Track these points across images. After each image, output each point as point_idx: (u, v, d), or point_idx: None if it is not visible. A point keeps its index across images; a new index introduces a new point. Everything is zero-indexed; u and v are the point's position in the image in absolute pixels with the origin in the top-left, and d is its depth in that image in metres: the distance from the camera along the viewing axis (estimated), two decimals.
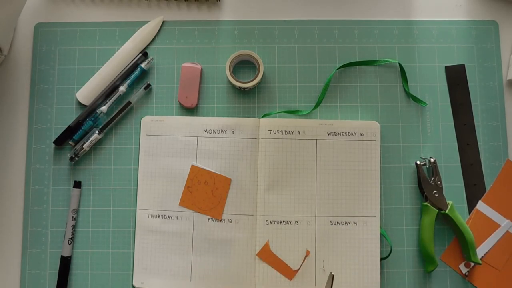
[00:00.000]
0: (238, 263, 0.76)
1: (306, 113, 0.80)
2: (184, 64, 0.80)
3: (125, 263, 0.77)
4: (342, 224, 0.77)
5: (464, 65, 0.82)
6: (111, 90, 0.80)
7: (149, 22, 0.82)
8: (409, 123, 0.80)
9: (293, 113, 0.80)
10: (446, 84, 0.81)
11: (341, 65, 0.81)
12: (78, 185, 0.78)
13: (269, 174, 0.77)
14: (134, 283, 0.77)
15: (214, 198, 0.77)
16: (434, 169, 0.78)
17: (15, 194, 0.79)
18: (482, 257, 0.77)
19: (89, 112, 0.80)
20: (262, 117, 0.80)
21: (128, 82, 0.80)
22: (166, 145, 0.79)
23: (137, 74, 0.80)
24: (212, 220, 0.77)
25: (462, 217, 0.77)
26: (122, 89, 0.80)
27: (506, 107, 0.81)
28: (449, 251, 0.78)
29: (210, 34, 0.82)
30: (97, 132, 0.78)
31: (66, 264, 0.77)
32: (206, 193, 0.77)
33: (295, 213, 0.77)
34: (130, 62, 0.81)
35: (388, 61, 0.81)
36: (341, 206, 0.77)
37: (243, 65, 0.81)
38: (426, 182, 0.78)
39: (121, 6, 0.84)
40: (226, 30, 0.82)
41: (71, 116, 0.80)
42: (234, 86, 0.81)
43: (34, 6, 0.83)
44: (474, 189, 0.79)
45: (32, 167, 0.79)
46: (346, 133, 0.79)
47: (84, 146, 0.78)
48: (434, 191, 0.77)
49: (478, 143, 0.80)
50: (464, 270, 0.77)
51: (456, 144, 0.80)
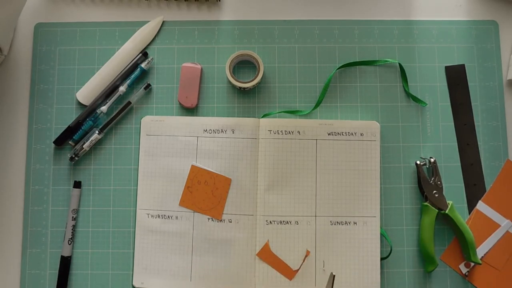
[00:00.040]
0: (238, 263, 0.76)
1: (306, 113, 0.80)
2: (184, 64, 0.80)
3: (125, 263, 0.77)
4: (342, 224, 0.77)
5: (464, 65, 0.81)
6: (111, 90, 0.80)
7: (149, 22, 0.82)
8: (409, 123, 0.80)
9: (293, 113, 0.80)
10: (446, 84, 0.81)
11: (341, 65, 0.81)
12: (78, 185, 0.78)
13: (269, 174, 0.77)
14: (134, 283, 0.76)
15: (214, 198, 0.77)
16: (434, 169, 0.78)
17: (15, 194, 0.79)
18: (482, 257, 0.77)
19: (89, 112, 0.80)
20: (262, 117, 0.80)
21: (128, 82, 0.80)
22: (166, 145, 0.79)
23: (137, 74, 0.80)
24: (212, 220, 0.77)
25: (462, 217, 0.77)
26: (122, 89, 0.80)
27: (506, 107, 0.81)
28: (449, 251, 0.78)
29: (210, 34, 0.82)
30: (97, 132, 0.78)
31: (66, 264, 0.77)
32: (206, 193, 0.77)
33: (295, 213, 0.77)
34: (130, 62, 0.81)
35: (388, 61, 0.81)
36: (341, 206, 0.77)
37: (243, 65, 0.81)
38: (426, 182, 0.78)
39: (121, 6, 0.84)
40: (226, 30, 0.82)
41: (71, 116, 0.80)
42: (234, 86, 0.81)
43: (34, 6, 0.83)
44: (474, 189, 0.79)
45: (32, 167, 0.79)
46: (346, 133, 0.79)
47: (84, 146, 0.78)
48: (434, 191, 0.77)
49: (478, 143, 0.80)
50: (464, 270, 0.77)
51: (456, 144, 0.80)
